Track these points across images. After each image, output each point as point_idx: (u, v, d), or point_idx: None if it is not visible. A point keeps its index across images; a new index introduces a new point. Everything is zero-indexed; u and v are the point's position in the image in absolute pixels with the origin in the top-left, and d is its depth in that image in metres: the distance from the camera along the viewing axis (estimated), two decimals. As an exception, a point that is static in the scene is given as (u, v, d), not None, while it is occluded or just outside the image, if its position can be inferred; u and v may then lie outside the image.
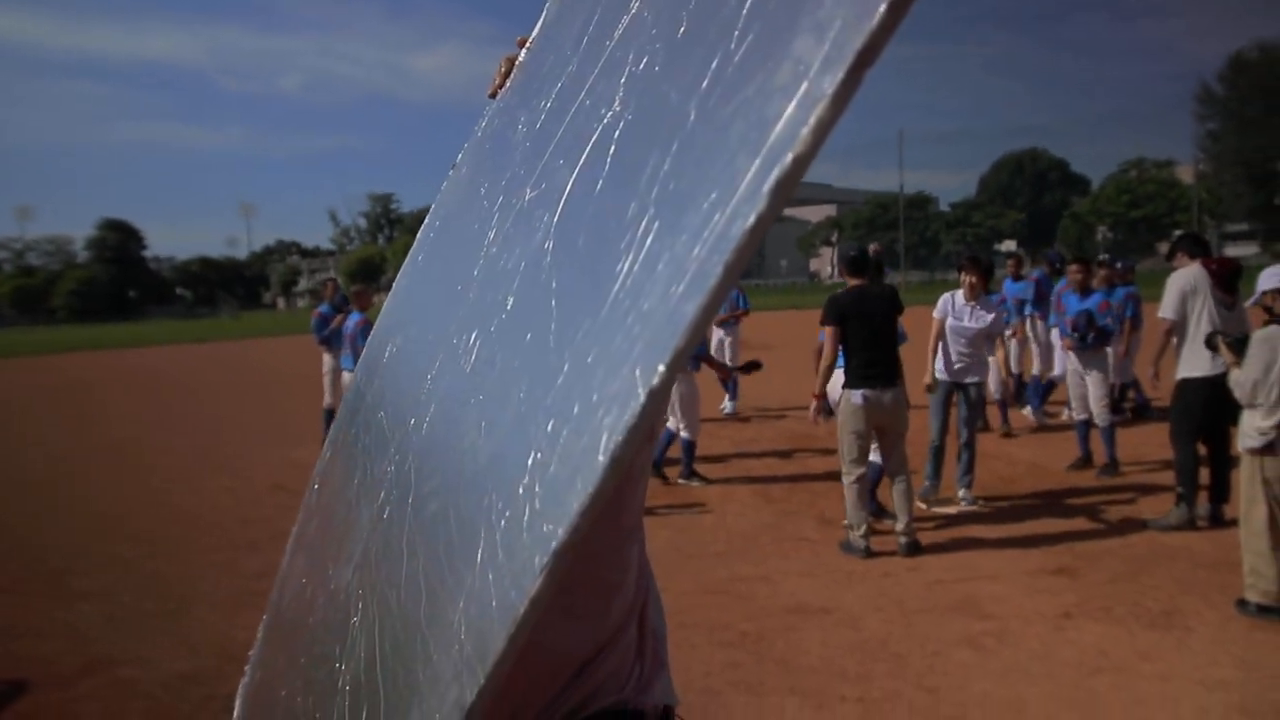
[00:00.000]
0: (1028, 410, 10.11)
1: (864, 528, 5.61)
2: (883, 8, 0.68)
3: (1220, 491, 5.95)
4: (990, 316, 6.75)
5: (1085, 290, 7.90)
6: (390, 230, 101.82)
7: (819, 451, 8.62)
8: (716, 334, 11.09)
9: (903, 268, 51.23)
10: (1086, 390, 7.62)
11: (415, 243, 1.68)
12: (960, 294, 6.79)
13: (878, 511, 6.13)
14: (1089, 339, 7.65)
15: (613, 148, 1.04)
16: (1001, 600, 4.80)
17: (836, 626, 4.54)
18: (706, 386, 8.55)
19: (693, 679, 3.99)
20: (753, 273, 71.44)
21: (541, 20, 1.43)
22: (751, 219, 0.76)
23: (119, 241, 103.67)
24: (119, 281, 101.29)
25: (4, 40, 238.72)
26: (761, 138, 0.79)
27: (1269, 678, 3.82)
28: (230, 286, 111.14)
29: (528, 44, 1.43)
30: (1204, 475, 5.99)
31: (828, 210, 77.45)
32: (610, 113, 1.08)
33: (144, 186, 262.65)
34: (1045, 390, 10.19)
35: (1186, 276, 5.93)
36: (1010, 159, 76.21)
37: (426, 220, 1.67)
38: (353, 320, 9.34)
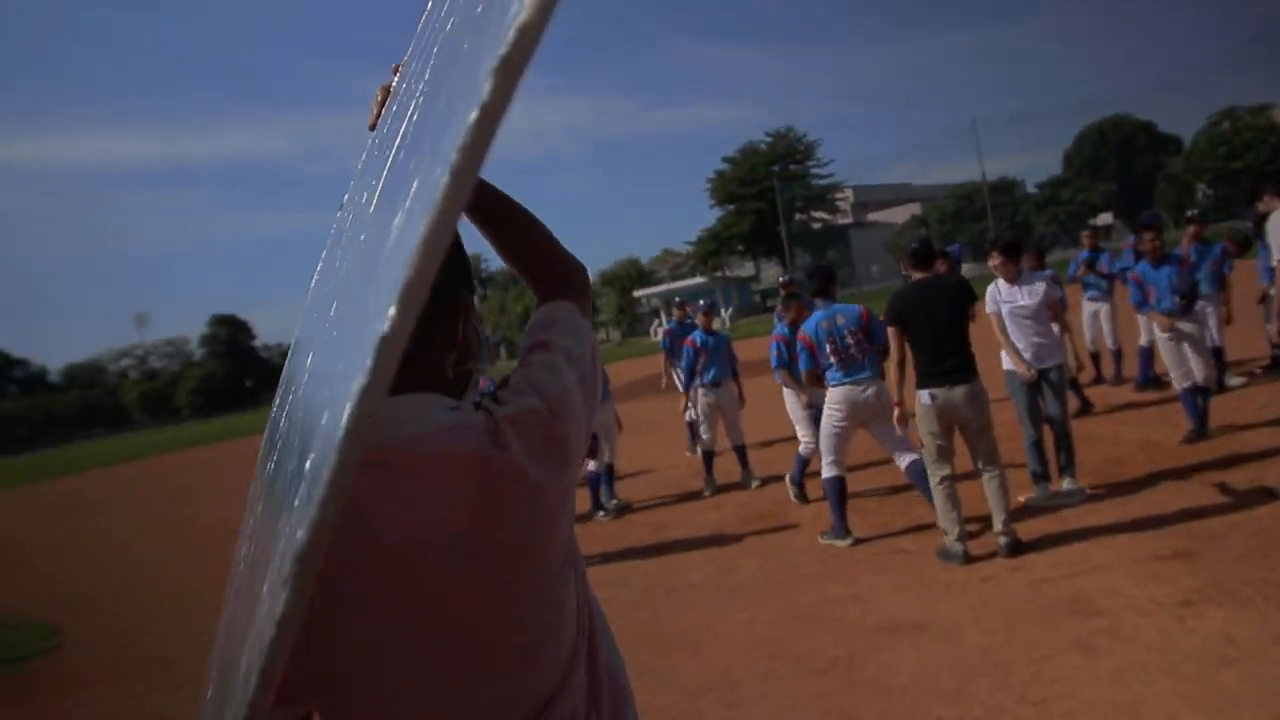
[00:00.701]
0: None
1: (957, 530, 5.29)
2: None
3: (1352, 447, 5.43)
4: (1042, 285, 6.39)
5: (1160, 257, 7.43)
6: (483, 289, 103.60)
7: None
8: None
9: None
10: (1186, 357, 7.13)
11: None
12: (1001, 281, 6.47)
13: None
14: (1192, 305, 7.21)
15: (415, 114, 1.06)
16: (1114, 593, 4.43)
17: (932, 642, 4.25)
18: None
19: (779, 714, 3.79)
20: (846, 282, 70.15)
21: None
22: (475, 112, 0.72)
23: (230, 335, 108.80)
24: (234, 374, 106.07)
25: (101, 161, 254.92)
26: (502, 31, 0.75)
27: None
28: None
29: (400, 69, 1.39)
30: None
31: (912, 209, 75.71)
32: (422, 84, 1.11)
33: (245, 278, 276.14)
34: (1146, 358, 9.56)
35: None
36: (1093, 129, 73.39)
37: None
38: None
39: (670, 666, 4.52)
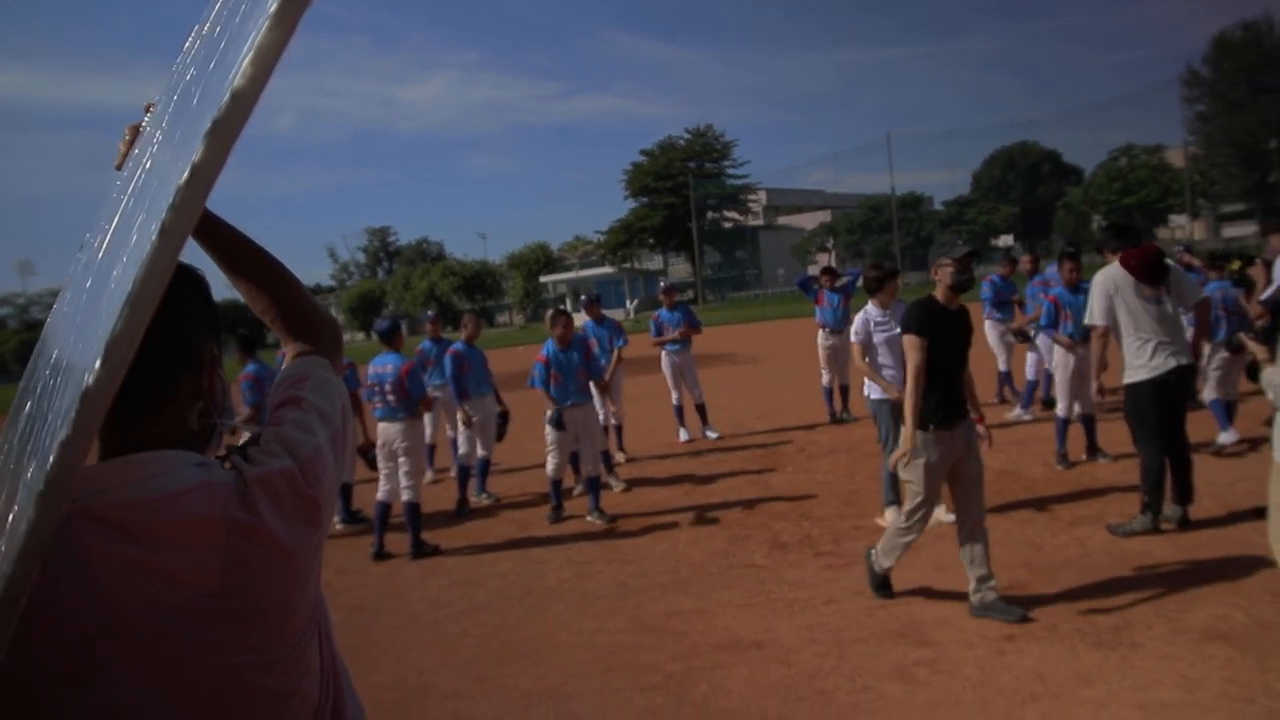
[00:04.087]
0: (1017, 412, 9.80)
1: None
2: None
3: (1184, 493, 5.70)
4: None
5: (1076, 285, 7.78)
6: (389, 263, 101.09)
7: (782, 471, 8.43)
8: (667, 359, 10.45)
9: (900, 268, 50.71)
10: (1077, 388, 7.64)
11: None
12: (871, 307, 6.60)
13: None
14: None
15: (148, 162, 1.06)
16: (945, 624, 4.57)
17: (766, 663, 4.31)
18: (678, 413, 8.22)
19: (604, 731, 3.79)
20: (750, 283, 71.04)
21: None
22: (186, 172, 0.75)
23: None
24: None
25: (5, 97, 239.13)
26: (220, 94, 0.78)
27: (1212, 698, 3.58)
28: (233, 329, 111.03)
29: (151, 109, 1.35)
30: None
31: (821, 216, 76.89)
32: (159, 130, 1.11)
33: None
34: (1032, 389, 9.89)
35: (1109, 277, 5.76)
36: (1002, 154, 75.68)
37: None
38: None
39: (507, 675, 4.48)
